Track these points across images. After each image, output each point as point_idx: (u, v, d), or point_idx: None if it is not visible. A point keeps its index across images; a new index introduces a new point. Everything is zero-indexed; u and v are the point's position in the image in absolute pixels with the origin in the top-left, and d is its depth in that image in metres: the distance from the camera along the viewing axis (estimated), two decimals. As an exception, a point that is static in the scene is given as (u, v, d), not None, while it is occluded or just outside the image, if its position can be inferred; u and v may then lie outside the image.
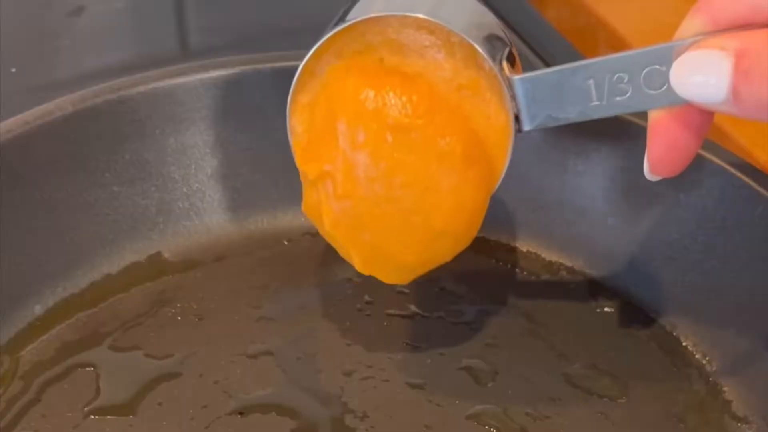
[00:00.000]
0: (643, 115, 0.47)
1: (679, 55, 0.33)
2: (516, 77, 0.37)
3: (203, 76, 0.48)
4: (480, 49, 0.37)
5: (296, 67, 0.40)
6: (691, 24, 0.33)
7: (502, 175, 0.40)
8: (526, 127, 0.38)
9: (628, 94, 0.35)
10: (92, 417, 0.41)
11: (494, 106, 0.39)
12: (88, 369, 0.43)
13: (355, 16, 0.38)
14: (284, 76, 0.48)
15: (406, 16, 0.37)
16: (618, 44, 0.58)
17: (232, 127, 0.49)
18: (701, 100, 0.32)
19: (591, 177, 0.48)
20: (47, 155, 0.46)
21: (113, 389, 0.42)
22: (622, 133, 0.47)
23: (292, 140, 0.41)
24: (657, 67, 0.34)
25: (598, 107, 0.36)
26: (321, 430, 0.41)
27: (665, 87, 0.34)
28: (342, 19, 0.38)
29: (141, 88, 0.48)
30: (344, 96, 0.39)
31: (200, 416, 0.41)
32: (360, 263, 0.41)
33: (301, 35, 0.40)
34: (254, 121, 0.49)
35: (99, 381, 0.43)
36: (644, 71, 0.34)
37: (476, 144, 0.39)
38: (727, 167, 0.45)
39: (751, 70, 0.31)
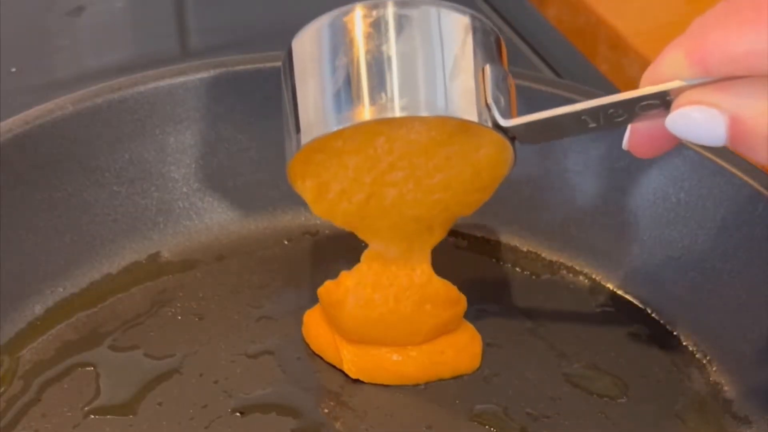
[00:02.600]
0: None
1: (673, 94, 0.32)
2: (508, 125, 0.36)
3: (203, 76, 0.48)
4: (471, 119, 0.36)
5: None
6: (678, 62, 0.32)
7: (508, 171, 0.40)
8: (525, 144, 0.38)
9: (624, 117, 0.35)
10: (92, 417, 0.41)
11: (485, 138, 0.38)
12: (88, 369, 0.43)
13: (355, 117, 0.36)
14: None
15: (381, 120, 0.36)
16: (618, 43, 0.58)
17: (232, 127, 0.49)
18: (700, 144, 0.33)
19: (592, 177, 0.48)
20: (47, 155, 0.46)
21: (113, 389, 0.42)
22: (623, 133, 0.47)
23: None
24: (651, 102, 0.33)
25: (595, 128, 0.36)
26: (321, 429, 0.41)
27: (660, 110, 0.34)
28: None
29: (141, 88, 0.48)
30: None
31: (200, 416, 0.41)
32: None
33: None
34: (254, 121, 0.49)
35: (99, 381, 0.43)
36: (638, 106, 0.34)
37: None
38: (727, 167, 0.45)
39: (747, 135, 0.31)
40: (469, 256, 0.49)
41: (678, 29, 0.33)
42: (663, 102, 0.33)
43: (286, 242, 0.50)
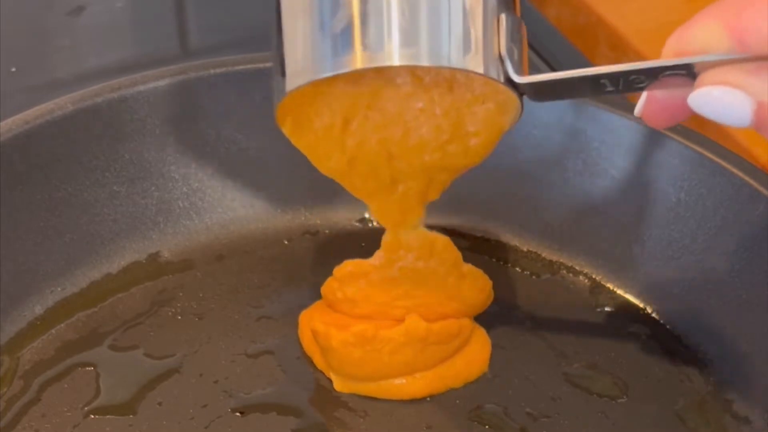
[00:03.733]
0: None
1: (699, 67, 0.31)
2: (522, 81, 0.34)
3: (203, 75, 0.48)
4: (480, 71, 0.33)
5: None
6: (713, 33, 0.31)
7: (510, 127, 0.37)
8: (534, 101, 0.35)
9: (644, 84, 0.33)
10: (92, 417, 0.41)
11: (489, 93, 0.36)
12: (88, 369, 0.43)
13: (345, 63, 0.33)
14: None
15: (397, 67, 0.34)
16: (618, 43, 0.58)
17: (232, 127, 0.49)
18: (721, 123, 0.32)
19: (591, 177, 0.48)
20: (47, 155, 0.46)
21: (113, 389, 0.42)
22: (623, 132, 0.47)
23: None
24: (677, 72, 0.32)
25: (612, 92, 0.34)
26: (321, 429, 0.41)
27: (684, 80, 0.32)
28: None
29: (141, 88, 0.48)
30: None
31: (200, 416, 0.41)
32: None
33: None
34: (254, 121, 0.49)
35: (99, 381, 0.43)
36: (662, 75, 0.32)
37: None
38: (727, 167, 0.45)
39: None
40: (469, 256, 0.49)
41: (678, 29, 0.33)
42: (689, 73, 0.32)
43: (286, 242, 0.50)
